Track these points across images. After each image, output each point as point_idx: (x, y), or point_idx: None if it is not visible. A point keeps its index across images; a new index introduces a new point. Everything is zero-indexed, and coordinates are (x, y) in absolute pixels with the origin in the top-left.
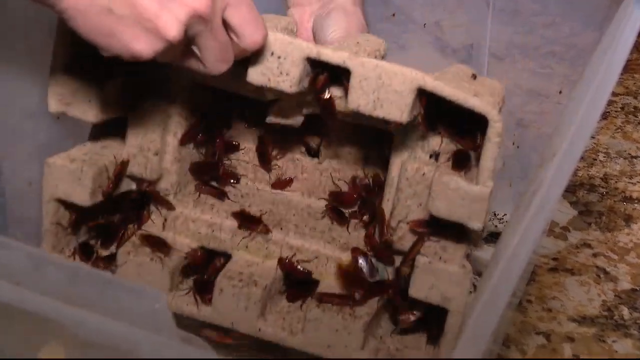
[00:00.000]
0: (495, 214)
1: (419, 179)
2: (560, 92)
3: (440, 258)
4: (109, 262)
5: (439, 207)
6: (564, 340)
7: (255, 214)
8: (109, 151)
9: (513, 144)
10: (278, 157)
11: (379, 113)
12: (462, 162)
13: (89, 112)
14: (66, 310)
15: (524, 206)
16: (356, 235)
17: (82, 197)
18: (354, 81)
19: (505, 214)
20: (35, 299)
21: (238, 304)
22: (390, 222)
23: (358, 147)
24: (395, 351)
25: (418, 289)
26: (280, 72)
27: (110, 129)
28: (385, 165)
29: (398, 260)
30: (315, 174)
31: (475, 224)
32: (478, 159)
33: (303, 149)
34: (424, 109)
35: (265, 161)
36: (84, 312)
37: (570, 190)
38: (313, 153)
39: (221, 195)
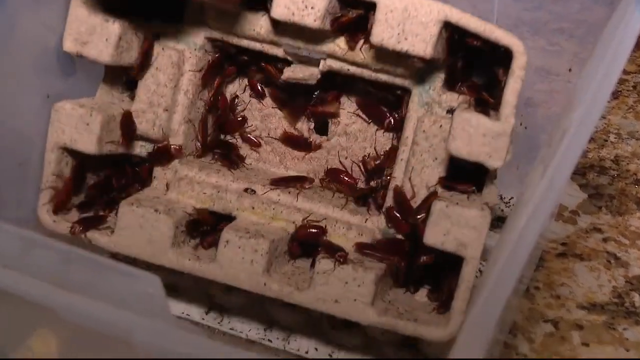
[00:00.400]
0: (501, 198)
1: (436, 131)
2: (569, 70)
3: (457, 203)
4: (109, 210)
5: (458, 146)
6: (573, 328)
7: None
8: (119, 105)
9: (521, 124)
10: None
11: (403, 46)
12: (482, 105)
13: (104, 52)
14: (57, 295)
15: (530, 189)
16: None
17: (89, 144)
18: (379, 14)
19: (512, 198)
20: (25, 282)
21: (244, 257)
22: (404, 180)
23: (368, 126)
24: (404, 312)
25: (433, 236)
26: (305, 5)
27: (121, 85)
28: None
29: None
30: (322, 153)
31: (496, 162)
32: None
33: (311, 124)
34: (447, 44)
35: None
36: (75, 296)
37: (580, 173)
38: (321, 129)
39: (233, 165)
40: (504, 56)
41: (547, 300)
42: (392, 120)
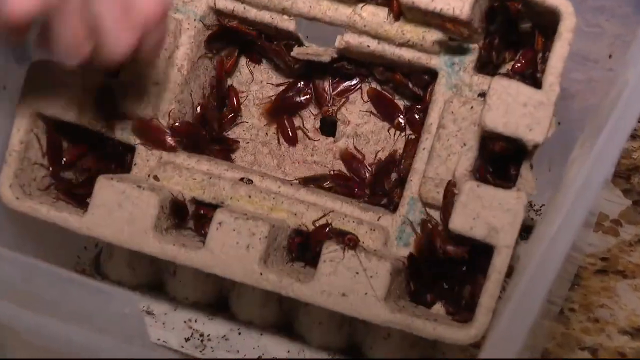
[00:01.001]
0: (531, 205)
1: (466, 113)
2: (610, 56)
3: (488, 182)
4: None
5: (494, 117)
6: (614, 356)
7: None
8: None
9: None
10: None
11: (436, 5)
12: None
13: None
14: (21, 314)
15: (562, 194)
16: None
17: (68, 109)
18: None
19: (543, 205)
20: None
21: (239, 241)
22: (427, 170)
23: (382, 126)
24: (421, 313)
25: (461, 220)
26: None
27: None
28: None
29: None
30: (328, 157)
31: (537, 136)
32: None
33: (317, 123)
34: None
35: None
36: (41, 316)
37: (623, 176)
38: (328, 129)
39: (227, 155)
40: (545, 25)
41: (583, 324)
42: (403, 121)
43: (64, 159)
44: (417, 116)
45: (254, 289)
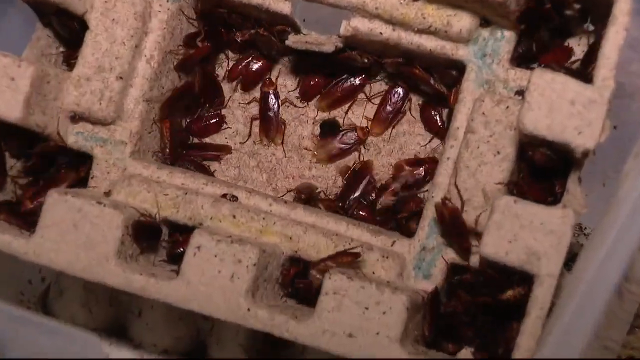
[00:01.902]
0: (581, 228)
1: (501, 114)
2: None
3: (528, 198)
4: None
5: (535, 119)
6: None
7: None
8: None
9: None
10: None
11: None
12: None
13: None
14: None
15: (613, 212)
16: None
17: (14, 108)
18: None
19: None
20: None
21: (222, 269)
22: (450, 188)
23: (396, 133)
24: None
25: (494, 243)
26: None
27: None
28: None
29: None
30: (330, 170)
31: (587, 141)
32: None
33: (317, 130)
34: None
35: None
36: None
37: None
38: (328, 134)
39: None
40: (595, 8)
41: None
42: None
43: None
44: (435, 116)
45: (238, 330)
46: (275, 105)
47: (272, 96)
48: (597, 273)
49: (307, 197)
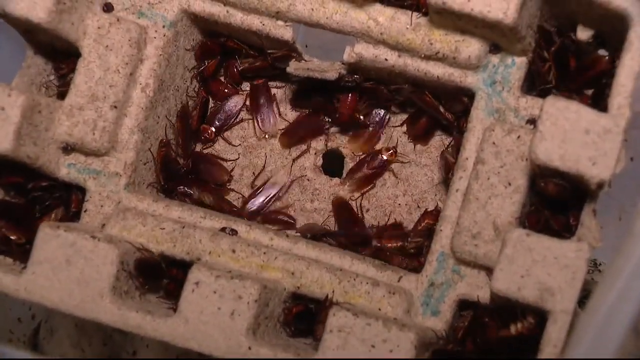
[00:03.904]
0: (595, 263)
1: (512, 144)
2: None
3: (540, 231)
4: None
5: (548, 149)
6: None
7: None
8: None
9: None
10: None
11: (474, 5)
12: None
13: (38, 5)
14: None
15: (627, 248)
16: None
17: (3, 139)
18: None
19: None
20: None
21: (221, 306)
22: (461, 217)
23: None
24: None
25: (506, 278)
26: None
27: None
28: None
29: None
30: (330, 204)
31: (602, 171)
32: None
33: (319, 161)
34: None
35: None
36: None
37: None
38: (332, 168)
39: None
40: (610, 33)
41: None
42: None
43: None
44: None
45: None
46: (267, 94)
47: (263, 87)
48: (612, 310)
49: (312, 236)
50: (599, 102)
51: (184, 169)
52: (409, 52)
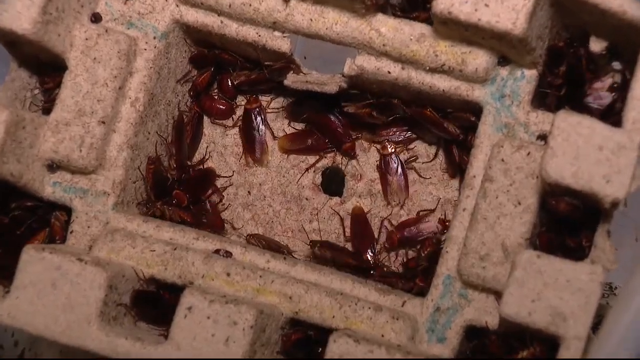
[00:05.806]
0: (610, 287)
1: (521, 161)
2: None
3: (551, 252)
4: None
5: (560, 166)
6: None
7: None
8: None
9: None
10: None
11: (481, 17)
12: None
13: (22, 16)
14: None
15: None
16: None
17: None
18: None
19: None
20: None
21: (215, 332)
22: (468, 238)
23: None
24: None
25: (515, 302)
26: None
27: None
28: None
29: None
30: (332, 223)
31: (616, 190)
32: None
33: (318, 178)
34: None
35: None
36: None
37: None
38: (332, 186)
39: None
40: (624, 45)
41: None
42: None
43: None
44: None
45: None
46: (260, 123)
47: (256, 113)
48: (626, 335)
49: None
50: (574, 100)
51: (174, 179)
52: (413, 65)
